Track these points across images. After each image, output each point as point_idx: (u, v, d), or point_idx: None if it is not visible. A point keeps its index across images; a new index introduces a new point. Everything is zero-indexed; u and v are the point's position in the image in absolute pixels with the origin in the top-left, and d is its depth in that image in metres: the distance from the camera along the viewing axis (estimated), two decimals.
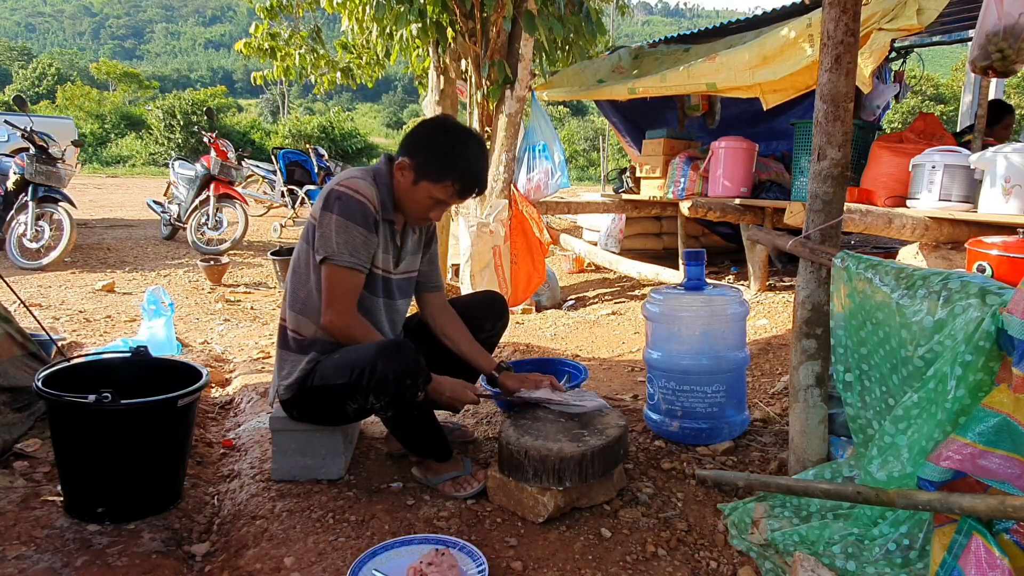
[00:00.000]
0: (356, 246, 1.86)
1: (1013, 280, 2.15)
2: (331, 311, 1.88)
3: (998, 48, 3.16)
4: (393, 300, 2.06)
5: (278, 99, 43.37)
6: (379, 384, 1.75)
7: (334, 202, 1.85)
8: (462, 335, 2.18)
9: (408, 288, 2.13)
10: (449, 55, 4.95)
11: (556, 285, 5.38)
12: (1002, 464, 1.29)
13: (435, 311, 2.21)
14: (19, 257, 5.92)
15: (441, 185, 1.89)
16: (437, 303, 2.22)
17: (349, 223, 1.84)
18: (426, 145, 1.91)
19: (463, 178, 1.90)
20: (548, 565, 1.62)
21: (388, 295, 2.04)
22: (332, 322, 1.89)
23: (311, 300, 1.95)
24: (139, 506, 1.79)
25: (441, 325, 2.19)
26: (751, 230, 2.97)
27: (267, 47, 6.22)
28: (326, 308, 1.89)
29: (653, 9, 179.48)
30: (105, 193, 14.33)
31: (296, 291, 1.98)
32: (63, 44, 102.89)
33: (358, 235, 1.85)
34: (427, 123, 1.99)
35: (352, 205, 1.85)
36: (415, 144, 1.92)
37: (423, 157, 1.89)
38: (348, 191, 1.86)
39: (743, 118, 6.04)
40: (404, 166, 1.91)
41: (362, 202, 1.86)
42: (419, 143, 1.92)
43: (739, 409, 2.36)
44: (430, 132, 1.94)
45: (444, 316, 2.20)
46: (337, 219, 1.84)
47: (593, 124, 33.88)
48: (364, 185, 1.88)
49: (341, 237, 1.84)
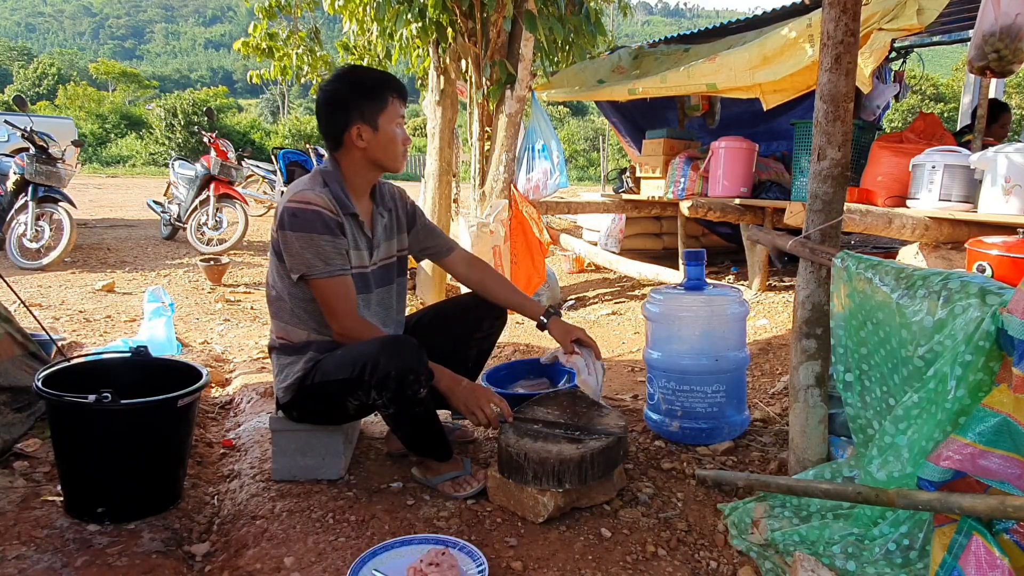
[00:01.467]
0: (327, 254, 1.86)
1: (1013, 280, 2.15)
2: (335, 321, 1.90)
3: (995, 49, 3.16)
4: (369, 293, 2.04)
5: (278, 99, 43.39)
6: (381, 380, 1.76)
7: (290, 220, 1.85)
8: (505, 286, 2.21)
9: (386, 275, 2.11)
10: (449, 55, 4.95)
11: (556, 285, 5.38)
12: (1002, 464, 1.29)
13: (465, 270, 2.24)
14: (19, 257, 5.92)
15: (389, 106, 1.92)
16: (462, 262, 2.24)
17: (312, 235, 1.84)
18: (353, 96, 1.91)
19: (391, 84, 1.93)
20: (548, 565, 1.62)
21: (364, 290, 2.02)
22: (340, 332, 1.91)
23: (299, 309, 1.95)
24: (139, 506, 1.79)
25: (480, 282, 2.22)
26: (751, 230, 2.97)
27: (265, 47, 6.23)
28: (330, 320, 1.91)
29: (653, 9, 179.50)
30: (105, 193, 14.33)
31: (276, 304, 1.99)
32: (63, 44, 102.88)
33: (324, 243, 1.85)
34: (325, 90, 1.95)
35: (307, 217, 1.84)
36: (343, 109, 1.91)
37: (360, 104, 1.90)
38: (300, 205, 1.85)
39: (743, 118, 6.04)
40: (357, 132, 1.90)
41: (316, 211, 1.85)
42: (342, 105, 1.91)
43: (739, 409, 2.36)
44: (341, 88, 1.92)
45: (477, 271, 2.23)
46: (298, 236, 1.84)
47: (593, 124, 33.88)
48: (313, 195, 1.87)
49: (309, 251, 1.84)
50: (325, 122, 1.96)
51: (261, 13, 6.02)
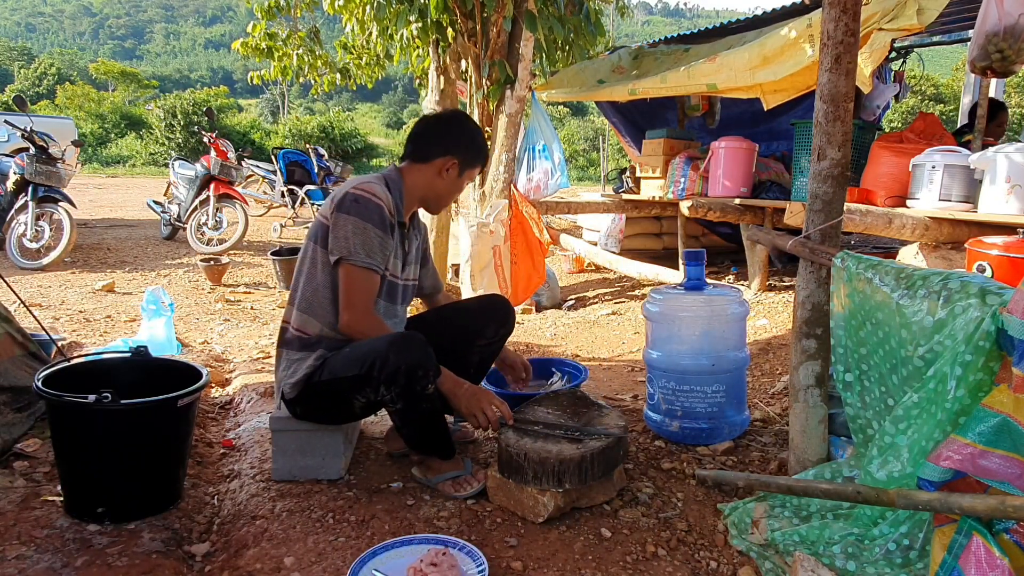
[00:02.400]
0: (373, 247, 1.89)
1: (1013, 280, 2.16)
2: (349, 312, 1.91)
3: (998, 48, 3.16)
4: (395, 304, 2.09)
5: (278, 99, 43.38)
6: (390, 375, 1.77)
7: (351, 204, 1.88)
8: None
9: (409, 295, 2.18)
10: (449, 55, 4.95)
11: (556, 285, 5.38)
12: (1002, 464, 1.29)
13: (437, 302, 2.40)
14: (19, 257, 5.92)
15: (475, 169, 2.10)
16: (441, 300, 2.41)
17: (367, 224, 1.87)
18: (470, 140, 2.06)
19: (485, 157, 2.14)
20: (548, 565, 1.62)
21: (391, 299, 2.06)
22: (350, 323, 1.91)
23: (317, 299, 1.96)
24: (139, 506, 1.79)
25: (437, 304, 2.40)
26: (751, 230, 2.97)
27: (264, 47, 6.22)
28: (344, 309, 1.91)
29: (653, 9, 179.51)
30: (105, 193, 14.33)
31: (303, 291, 1.99)
32: (63, 44, 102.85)
33: (375, 236, 1.88)
34: (462, 118, 2.13)
35: (370, 207, 1.88)
36: (454, 142, 2.04)
37: (466, 149, 2.04)
38: (365, 194, 1.89)
39: (743, 118, 6.04)
40: (452, 164, 2.03)
41: (379, 204, 1.90)
42: (466, 140, 2.06)
43: (739, 409, 2.36)
44: (462, 128, 2.08)
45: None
46: (355, 220, 1.87)
47: (593, 124, 33.87)
48: (380, 189, 1.93)
49: (358, 238, 1.87)
50: (431, 135, 2.05)
51: (260, 13, 6.01)
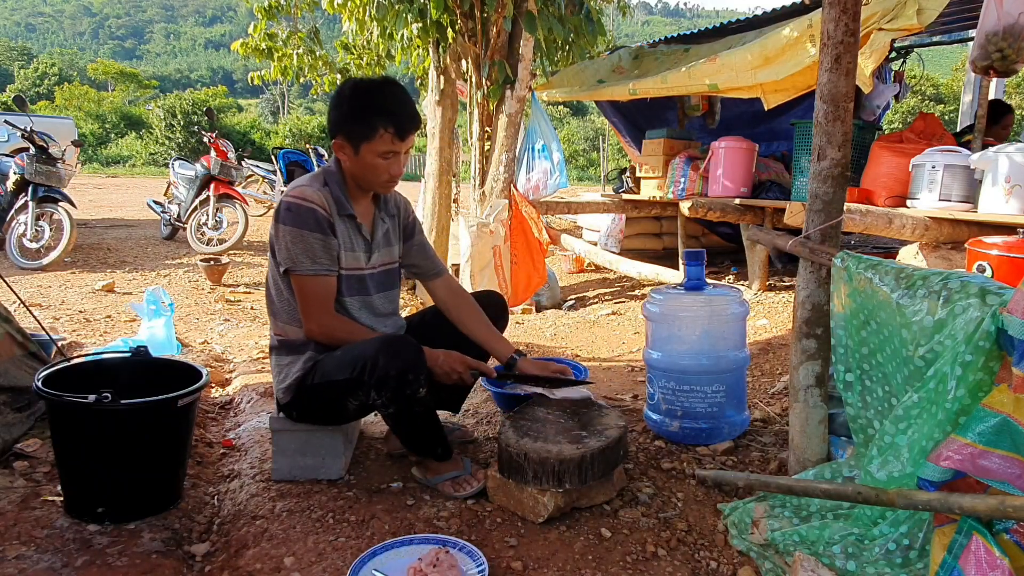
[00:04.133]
0: (315, 252, 1.87)
1: (1013, 280, 2.15)
2: (309, 320, 1.92)
3: (998, 48, 3.16)
4: (368, 295, 2.04)
5: (278, 99, 43.40)
6: (381, 380, 1.77)
7: (285, 214, 1.87)
8: (478, 320, 2.16)
9: (387, 281, 2.12)
10: (449, 55, 4.95)
11: (556, 285, 5.38)
12: (1002, 464, 1.29)
13: (445, 296, 2.20)
14: (19, 257, 5.91)
15: (377, 138, 1.85)
16: (444, 288, 2.21)
17: (303, 231, 1.86)
18: (342, 112, 1.89)
19: (391, 118, 1.85)
20: (548, 565, 1.62)
21: (362, 292, 2.02)
22: (312, 330, 1.93)
23: (289, 307, 1.97)
24: (139, 506, 1.79)
25: (455, 308, 2.18)
26: (751, 230, 2.97)
27: (264, 47, 6.22)
28: (304, 318, 1.92)
29: (653, 9, 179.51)
30: (105, 193, 14.33)
31: (274, 301, 2.01)
32: (63, 44, 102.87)
33: (315, 241, 1.87)
34: (335, 95, 1.95)
35: (302, 213, 1.86)
36: (333, 119, 1.91)
37: (346, 124, 1.88)
38: (296, 200, 1.88)
39: (743, 119, 6.04)
40: (338, 145, 1.91)
41: (312, 208, 1.87)
42: (335, 116, 1.91)
43: (739, 409, 2.36)
44: (338, 100, 1.91)
45: (456, 300, 2.19)
46: (290, 230, 1.86)
47: (593, 124, 33.87)
48: (311, 191, 1.89)
49: (298, 247, 1.86)
50: (327, 121, 1.98)
51: (260, 13, 6.02)
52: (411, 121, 1.90)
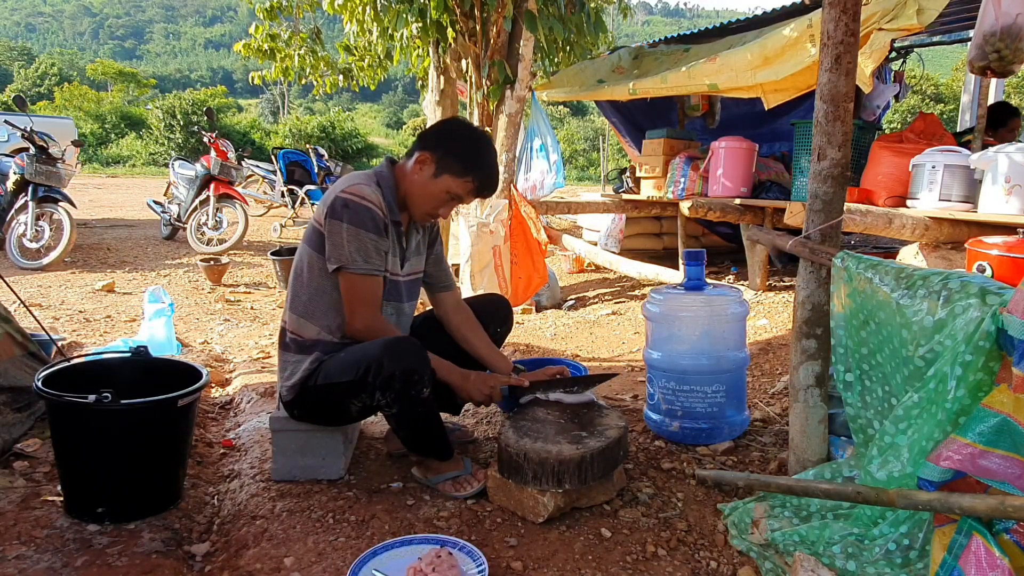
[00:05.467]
0: (369, 252, 1.88)
1: (1013, 280, 2.15)
2: (356, 318, 1.91)
3: (995, 49, 3.15)
4: (401, 303, 2.08)
5: (278, 99, 43.40)
6: (385, 381, 1.77)
7: (342, 210, 1.87)
8: (479, 336, 2.20)
9: (414, 290, 2.15)
10: (449, 55, 4.95)
11: (556, 285, 5.38)
12: (1002, 464, 1.29)
13: (449, 310, 2.23)
14: (19, 257, 5.92)
15: (462, 180, 1.94)
16: (451, 302, 2.24)
17: (360, 230, 1.86)
18: (452, 140, 1.96)
19: (483, 176, 1.97)
20: (548, 565, 1.62)
21: (396, 298, 2.05)
22: (357, 329, 1.92)
23: (314, 303, 1.96)
24: (139, 506, 1.79)
25: (457, 324, 2.21)
26: (751, 230, 2.97)
27: (266, 48, 6.23)
28: (350, 316, 1.92)
29: (653, 9, 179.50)
30: (105, 193, 14.33)
31: (298, 294, 1.99)
32: (63, 44, 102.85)
33: (369, 241, 1.88)
34: (452, 121, 2.07)
35: (361, 212, 1.87)
36: (440, 139, 1.97)
37: (448, 151, 1.94)
38: (355, 198, 1.87)
39: (744, 120, 6.04)
40: (426, 159, 1.95)
41: (370, 208, 1.88)
42: (444, 138, 1.97)
43: (739, 409, 2.36)
44: (455, 129, 2.01)
45: (459, 315, 2.22)
46: (348, 227, 1.86)
47: (593, 124, 33.87)
48: (369, 191, 1.90)
49: (353, 245, 1.86)
50: (436, 130, 2.04)
51: (262, 14, 6.02)
52: (492, 189, 2.03)
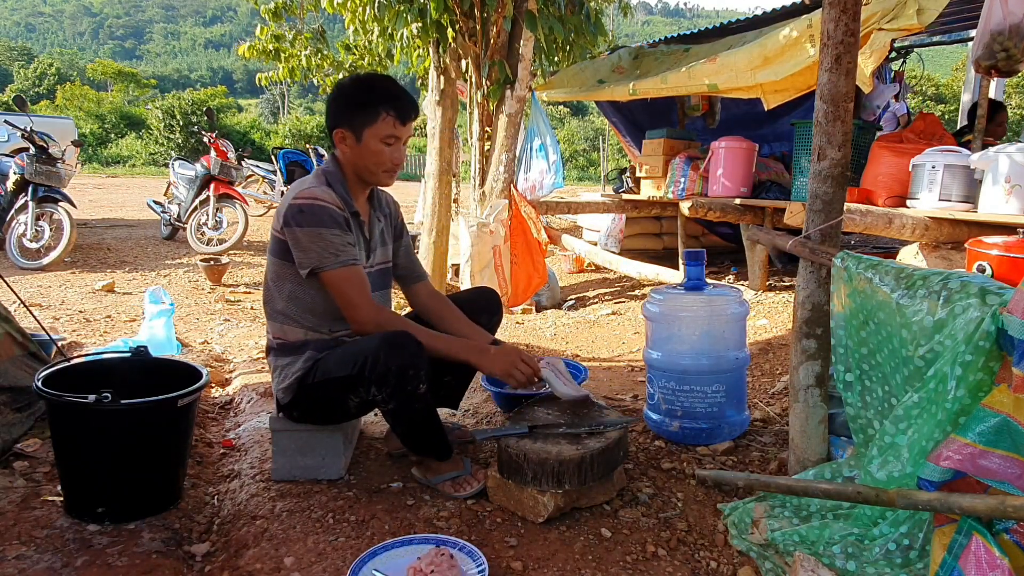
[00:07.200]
0: (336, 247, 1.87)
1: (1013, 280, 2.15)
2: (358, 314, 1.90)
3: (1003, 47, 3.16)
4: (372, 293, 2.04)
5: (278, 99, 43.43)
6: (381, 375, 1.77)
7: (298, 216, 1.86)
8: (454, 315, 2.16)
9: (382, 281, 2.12)
10: (449, 55, 4.95)
11: (556, 285, 5.38)
12: (1002, 464, 1.29)
13: (424, 299, 2.22)
14: (19, 257, 5.91)
15: (379, 122, 1.89)
16: (424, 291, 2.23)
17: (320, 229, 1.85)
18: (343, 102, 1.93)
19: (389, 102, 1.90)
20: (548, 565, 1.62)
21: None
22: (363, 322, 1.90)
23: (293, 307, 1.96)
24: (139, 506, 1.79)
25: (435, 309, 2.18)
26: (751, 230, 2.97)
27: (272, 49, 6.23)
28: (350, 314, 1.90)
29: (653, 9, 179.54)
30: (105, 193, 14.33)
31: (273, 303, 2.00)
32: (63, 44, 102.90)
33: (333, 237, 1.87)
34: (333, 91, 2.00)
35: (317, 212, 1.86)
36: (336, 110, 1.94)
37: (347, 113, 1.91)
38: (308, 201, 1.87)
39: (744, 120, 6.04)
40: (340, 136, 1.93)
41: (325, 206, 1.87)
42: (338, 106, 1.94)
43: (739, 409, 2.36)
44: (339, 93, 1.95)
45: (433, 301, 2.21)
46: (308, 231, 1.85)
47: (593, 124, 33.88)
48: (320, 191, 1.89)
49: (318, 245, 1.85)
50: (327, 110, 1.99)
51: (267, 15, 6.02)
52: (411, 105, 1.95)
